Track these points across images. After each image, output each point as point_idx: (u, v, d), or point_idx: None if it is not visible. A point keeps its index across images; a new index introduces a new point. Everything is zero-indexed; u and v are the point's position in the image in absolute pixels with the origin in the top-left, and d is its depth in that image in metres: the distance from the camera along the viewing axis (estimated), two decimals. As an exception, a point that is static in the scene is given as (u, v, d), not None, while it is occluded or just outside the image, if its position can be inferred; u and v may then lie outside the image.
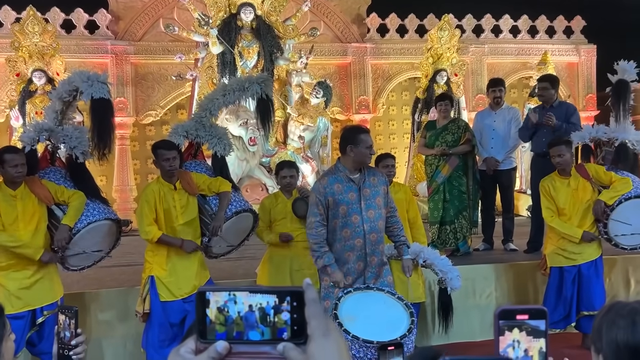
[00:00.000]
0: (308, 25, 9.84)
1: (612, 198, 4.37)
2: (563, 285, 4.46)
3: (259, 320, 0.65)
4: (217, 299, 0.65)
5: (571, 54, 11.45)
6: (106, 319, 4.48)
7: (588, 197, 4.43)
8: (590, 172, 4.48)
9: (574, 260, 4.44)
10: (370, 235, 3.50)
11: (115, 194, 9.58)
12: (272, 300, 0.65)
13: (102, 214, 3.87)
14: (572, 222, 4.44)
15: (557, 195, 4.45)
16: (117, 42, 9.76)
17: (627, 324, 1.25)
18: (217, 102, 4.35)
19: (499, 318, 0.93)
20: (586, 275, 4.43)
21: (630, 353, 1.24)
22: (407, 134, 10.83)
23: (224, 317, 0.65)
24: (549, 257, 4.58)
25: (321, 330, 0.64)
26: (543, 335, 0.93)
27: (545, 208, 4.51)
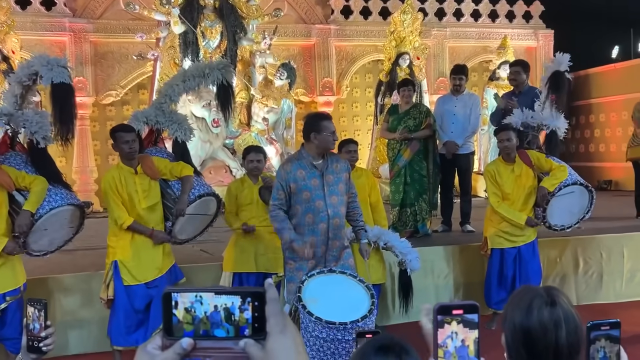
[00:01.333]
0: (272, 6, 9.78)
1: (553, 185, 4.59)
2: (504, 266, 4.68)
3: (224, 319, 0.70)
4: (184, 299, 0.71)
5: (530, 39, 11.73)
6: (70, 304, 4.47)
7: (530, 183, 4.64)
8: (532, 159, 4.68)
9: (515, 242, 4.67)
10: (333, 220, 3.60)
11: (75, 175, 9.43)
12: (237, 301, 0.71)
13: (64, 200, 3.84)
14: (515, 207, 4.64)
15: (502, 181, 4.65)
16: (76, 19, 9.51)
17: (524, 306, 1.35)
18: (177, 88, 4.34)
19: (437, 313, 1.04)
20: (525, 256, 4.67)
21: (523, 334, 1.34)
22: (370, 116, 10.96)
23: (191, 317, 0.70)
24: (490, 239, 4.78)
25: (279, 327, 0.71)
26: (476, 327, 1.05)
27: (492, 193, 4.71)
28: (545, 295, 1.36)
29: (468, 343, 1.03)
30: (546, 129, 5.06)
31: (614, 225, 6.31)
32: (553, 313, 1.33)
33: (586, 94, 12.18)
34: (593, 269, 5.63)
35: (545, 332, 1.33)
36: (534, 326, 1.33)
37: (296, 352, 0.71)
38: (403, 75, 9.27)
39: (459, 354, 1.03)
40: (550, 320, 1.33)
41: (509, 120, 5.04)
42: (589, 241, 5.65)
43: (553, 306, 1.34)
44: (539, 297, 1.36)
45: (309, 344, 3.27)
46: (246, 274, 4.33)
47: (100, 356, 4.30)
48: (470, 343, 1.03)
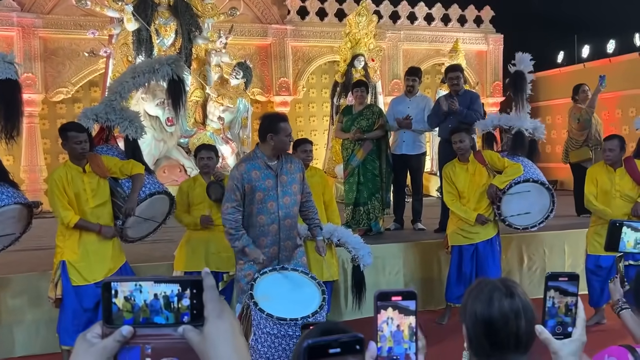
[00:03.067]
0: (228, 5, 9.72)
1: (504, 182, 4.76)
2: (462, 262, 4.84)
3: (164, 306, 0.73)
4: (123, 288, 0.73)
5: (480, 43, 12.08)
6: (17, 304, 4.37)
7: (484, 181, 4.81)
8: (486, 158, 4.86)
9: (472, 239, 4.82)
10: (285, 221, 3.63)
11: (24, 174, 9.15)
12: (175, 289, 0.74)
13: (10, 198, 3.76)
14: (470, 205, 4.81)
15: (457, 180, 4.81)
16: (24, 14, 9.23)
17: (485, 298, 1.43)
18: (127, 84, 4.30)
19: (377, 299, 1.10)
20: (482, 253, 4.83)
21: (485, 324, 1.42)
22: (326, 116, 11.06)
23: (130, 305, 0.73)
24: (450, 237, 4.95)
25: (216, 312, 0.74)
26: (412, 314, 1.12)
27: (446, 192, 4.88)
28: (503, 288, 1.43)
29: (403, 328, 1.10)
30: (512, 130, 5.22)
31: (556, 223, 6.57)
32: (512, 304, 1.41)
33: (534, 96, 12.56)
34: (537, 264, 5.87)
35: (506, 322, 1.40)
36: (495, 317, 1.40)
37: (233, 335, 0.74)
38: (358, 77, 9.39)
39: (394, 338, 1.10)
40: (510, 310, 1.40)
41: (481, 124, 5.20)
42: (532, 238, 5.88)
43: (512, 297, 1.42)
44: (498, 290, 1.43)
45: (261, 340, 3.30)
46: (197, 273, 4.31)
47: (48, 357, 4.23)
48: (405, 328, 1.10)
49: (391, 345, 1.08)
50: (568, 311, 1.30)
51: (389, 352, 1.08)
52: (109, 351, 0.72)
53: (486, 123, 5.34)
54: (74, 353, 0.73)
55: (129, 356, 0.73)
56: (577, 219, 6.89)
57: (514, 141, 5.23)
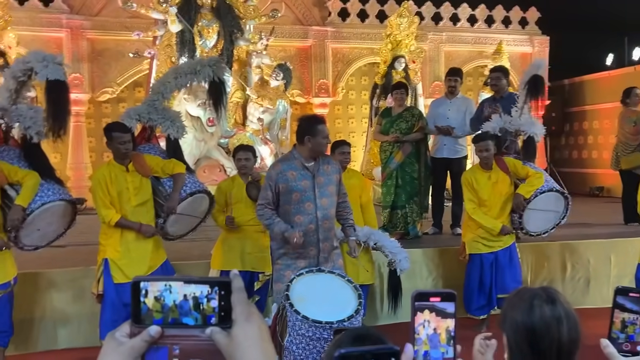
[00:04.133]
0: (269, 7, 9.81)
1: (529, 192, 4.66)
2: (483, 272, 4.72)
3: (193, 307, 0.73)
4: (153, 288, 0.73)
5: (525, 45, 11.81)
6: (60, 299, 4.50)
7: (506, 190, 4.70)
8: (509, 166, 4.74)
9: (492, 247, 4.71)
10: (322, 222, 3.62)
11: (70, 171, 9.43)
12: (205, 290, 0.73)
13: (56, 195, 3.87)
14: (492, 214, 4.69)
15: (479, 188, 4.70)
16: (73, 16, 9.52)
17: (525, 306, 1.40)
18: (169, 85, 4.38)
19: (414, 300, 1.07)
20: (501, 262, 4.71)
21: (526, 332, 1.38)
22: (365, 118, 11.00)
23: (160, 305, 0.73)
24: (468, 245, 4.82)
25: (244, 315, 0.73)
26: (451, 316, 1.07)
27: (468, 200, 4.76)
28: (544, 294, 1.41)
29: (440, 331, 1.06)
30: (523, 135, 5.09)
31: (602, 231, 6.37)
32: (554, 310, 1.38)
33: (580, 100, 12.26)
34: (580, 274, 5.69)
35: (548, 329, 1.37)
36: (537, 324, 1.37)
37: (261, 339, 0.74)
38: (398, 79, 9.31)
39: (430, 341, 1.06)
40: (552, 317, 1.37)
41: (488, 126, 5.09)
42: (576, 246, 5.71)
43: (553, 304, 1.39)
44: (539, 297, 1.40)
45: (296, 342, 3.30)
46: (233, 272, 4.35)
47: (89, 351, 4.33)
48: (442, 331, 1.06)
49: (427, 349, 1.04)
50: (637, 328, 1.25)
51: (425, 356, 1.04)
52: (137, 351, 0.72)
53: (493, 125, 5.11)
54: (102, 351, 0.73)
55: (157, 356, 0.73)
56: (625, 228, 6.65)
57: (526, 147, 5.10)
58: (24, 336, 4.31)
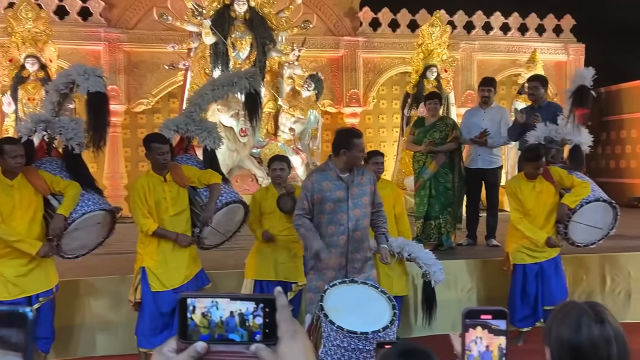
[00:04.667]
0: (301, 18, 9.90)
1: (574, 202, 4.57)
2: (526, 282, 4.64)
3: (239, 324, 0.74)
4: (200, 305, 0.74)
5: (560, 53, 11.62)
6: (99, 306, 4.59)
7: (552, 199, 4.62)
8: (554, 175, 4.65)
9: (536, 257, 4.63)
10: (354, 233, 3.62)
11: (106, 181, 9.65)
12: (251, 307, 0.74)
13: (96, 205, 3.96)
14: (536, 223, 4.61)
15: (524, 198, 4.62)
16: (111, 29, 9.78)
17: (573, 323, 1.36)
18: (207, 97, 4.46)
19: (465, 317, 1.06)
20: (547, 273, 4.63)
21: (571, 350, 1.35)
22: (396, 127, 10.97)
23: (207, 321, 0.74)
24: (512, 255, 4.74)
25: (290, 333, 0.74)
26: (503, 334, 1.07)
27: (513, 209, 4.69)
28: (592, 313, 1.37)
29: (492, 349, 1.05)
30: (570, 144, 5.02)
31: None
32: (603, 330, 1.34)
33: (617, 109, 11.99)
34: (620, 287, 5.53)
35: (596, 350, 1.33)
36: (584, 343, 1.34)
37: (306, 356, 0.74)
38: (430, 88, 9.28)
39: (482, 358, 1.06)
40: (600, 337, 1.33)
41: (532, 135, 5.01)
42: (616, 259, 5.56)
43: (602, 323, 1.35)
44: (587, 315, 1.36)
45: (330, 352, 3.30)
46: (267, 282, 4.38)
47: (126, 358, 4.41)
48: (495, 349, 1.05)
49: None
50: None
51: None
52: None
53: (538, 134, 5.03)
54: None
55: None
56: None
57: (572, 156, 5.02)
58: (64, 342, 4.41)
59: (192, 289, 4.12)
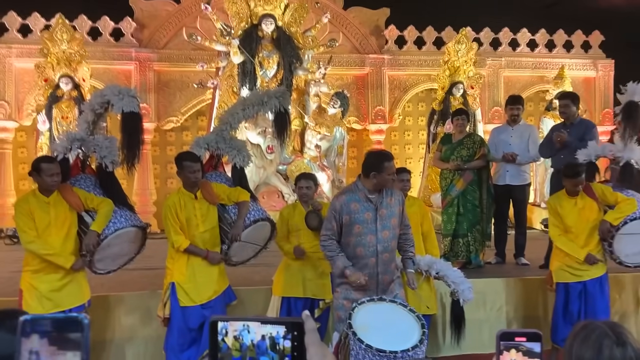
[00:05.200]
0: (327, 36, 10.01)
1: (617, 219, 4.47)
2: (569, 301, 4.55)
3: (269, 347, 0.76)
4: (232, 328, 0.76)
5: (588, 69, 11.48)
6: (129, 321, 4.65)
7: (594, 216, 4.53)
8: (597, 192, 4.58)
9: (580, 276, 4.54)
10: (382, 255, 3.60)
11: (136, 197, 9.80)
12: (281, 330, 0.76)
13: (128, 221, 4.05)
14: (578, 241, 4.53)
15: (565, 214, 4.56)
16: (141, 49, 10.01)
17: (594, 345, 1.34)
18: (237, 116, 4.55)
19: (499, 339, 1.07)
20: (591, 292, 4.52)
21: None
22: (422, 144, 10.94)
23: (239, 344, 0.76)
24: (555, 273, 4.67)
25: (319, 357, 0.76)
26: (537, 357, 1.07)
27: (553, 226, 4.63)
28: (613, 335, 1.35)
29: None
30: (621, 161, 4.94)
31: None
32: (625, 353, 1.32)
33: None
34: (656, 308, 5.39)
35: None
36: None
37: None
38: (456, 104, 9.25)
39: None
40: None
41: (583, 154, 4.94)
42: (650, 278, 5.42)
43: (624, 346, 1.33)
44: (608, 337, 1.35)
45: (359, 371, 3.28)
46: (294, 299, 4.38)
47: (155, 373, 4.45)
48: None
49: None
50: None
51: None
52: None
53: (589, 152, 5.00)
54: None
55: None
56: None
57: (621, 173, 4.92)
58: (95, 356, 4.47)
59: (219, 305, 4.16)
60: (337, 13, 10.52)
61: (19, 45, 9.54)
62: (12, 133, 9.62)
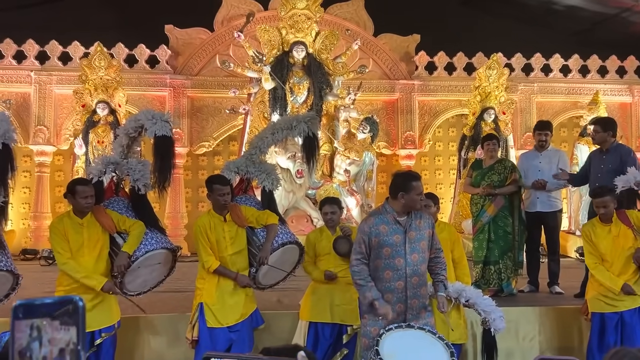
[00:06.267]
0: (357, 63, 10.11)
1: None
2: (605, 331, 4.41)
3: None
4: None
5: (624, 94, 11.27)
6: (157, 343, 4.68)
7: (630, 244, 4.41)
8: (632, 219, 4.46)
9: (616, 306, 4.40)
10: (412, 278, 3.55)
11: (167, 220, 9.95)
12: None
13: (159, 244, 4.10)
14: (614, 269, 4.41)
15: (598, 242, 4.45)
16: (176, 76, 10.28)
17: None
18: (267, 140, 4.62)
19: None
20: (629, 323, 4.37)
21: None
22: (453, 170, 10.85)
23: None
24: (590, 302, 4.55)
25: None
26: None
27: (588, 254, 4.51)
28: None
29: None
30: None
31: None
32: None
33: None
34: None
35: None
36: None
37: None
38: (488, 130, 9.17)
39: None
40: None
41: (621, 180, 4.83)
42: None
43: None
44: None
45: (386, 399, 3.22)
46: (322, 324, 4.35)
47: (182, 396, 4.44)
48: None
49: None
50: None
51: None
52: None
53: (627, 179, 4.88)
54: None
55: None
56: None
57: None
58: (123, 378, 4.50)
59: (247, 328, 4.16)
60: (368, 40, 10.62)
61: (58, 72, 9.91)
62: (50, 157, 9.93)
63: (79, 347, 0.72)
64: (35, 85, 9.85)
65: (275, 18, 9.54)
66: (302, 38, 8.87)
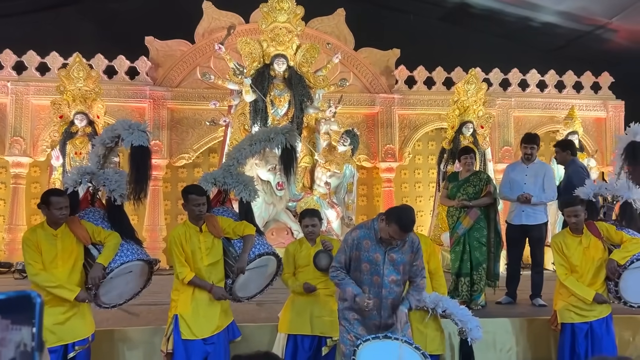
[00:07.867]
0: (338, 76, 10.17)
1: (624, 258, 4.42)
2: (576, 341, 4.46)
3: None
4: None
5: (599, 109, 11.51)
6: (133, 356, 4.61)
7: (599, 255, 4.49)
8: (602, 230, 4.55)
9: (586, 317, 4.47)
10: (387, 300, 3.55)
11: (146, 233, 9.85)
12: None
13: (135, 255, 4.06)
14: (584, 280, 4.48)
15: (569, 253, 4.52)
16: (156, 87, 10.23)
17: None
18: (244, 152, 4.61)
19: None
20: (597, 332, 4.44)
21: None
22: (432, 182, 10.94)
23: None
24: (560, 313, 4.60)
25: None
26: None
27: (559, 265, 4.58)
28: None
29: None
30: (620, 200, 4.94)
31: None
32: None
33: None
34: (672, 350, 5.23)
35: None
36: None
37: None
38: (466, 144, 9.27)
39: None
40: None
41: (580, 192, 4.97)
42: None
43: None
44: None
45: (363, 410, 3.21)
46: (301, 336, 4.32)
47: (157, 411, 4.37)
48: None
49: None
50: None
51: None
52: None
53: (587, 191, 5.01)
54: None
55: None
56: None
57: (622, 213, 4.93)
58: (97, 392, 4.42)
59: (223, 341, 4.12)
60: (348, 54, 10.72)
61: (36, 83, 9.81)
62: (26, 168, 9.79)
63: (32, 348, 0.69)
64: (12, 96, 9.73)
65: (256, 31, 9.57)
66: (283, 51, 8.90)
